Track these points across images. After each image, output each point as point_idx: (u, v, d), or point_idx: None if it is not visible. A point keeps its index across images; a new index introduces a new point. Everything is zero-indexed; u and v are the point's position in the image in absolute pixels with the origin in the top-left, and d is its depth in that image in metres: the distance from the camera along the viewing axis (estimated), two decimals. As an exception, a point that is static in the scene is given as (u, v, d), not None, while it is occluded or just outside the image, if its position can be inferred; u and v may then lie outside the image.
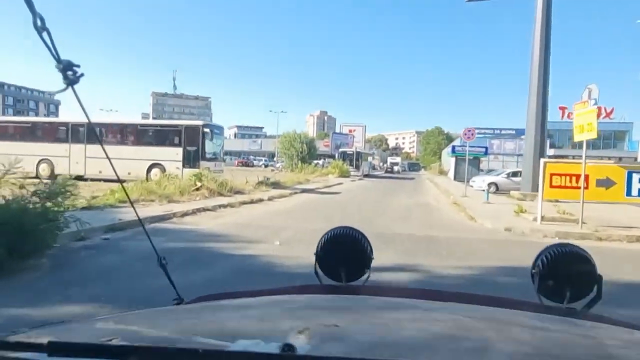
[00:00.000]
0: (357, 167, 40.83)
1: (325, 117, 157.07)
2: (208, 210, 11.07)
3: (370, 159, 57.15)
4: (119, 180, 1.81)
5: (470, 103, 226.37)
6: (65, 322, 1.00)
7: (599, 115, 38.78)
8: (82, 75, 0.85)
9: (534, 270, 1.25)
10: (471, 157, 41.73)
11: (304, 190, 19.74)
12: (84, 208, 9.33)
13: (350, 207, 14.26)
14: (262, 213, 11.72)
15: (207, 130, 19.26)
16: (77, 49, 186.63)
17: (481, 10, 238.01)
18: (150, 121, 22.04)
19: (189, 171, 18.06)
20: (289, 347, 0.63)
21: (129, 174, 18.59)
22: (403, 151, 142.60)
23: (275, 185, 20.61)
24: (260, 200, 14.63)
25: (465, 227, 10.48)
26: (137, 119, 21.48)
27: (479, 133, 59.40)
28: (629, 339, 0.97)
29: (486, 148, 39.42)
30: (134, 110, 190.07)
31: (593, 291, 1.21)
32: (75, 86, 0.86)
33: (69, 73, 0.84)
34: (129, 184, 12.58)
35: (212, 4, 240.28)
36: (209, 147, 19.68)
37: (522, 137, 54.03)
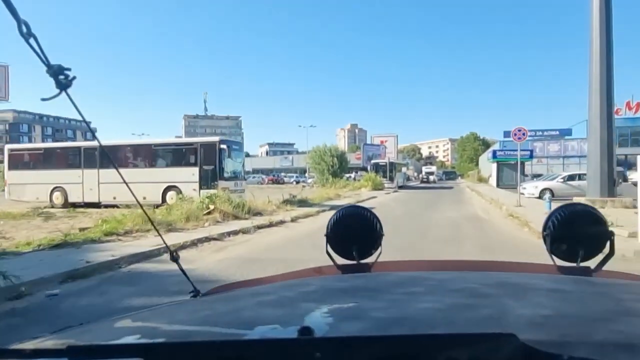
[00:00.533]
0: (391, 179, 38.37)
1: (356, 130, 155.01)
2: (213, 239, 9.08)
3: (404, 169, 54.55)
4: (139, 204, 1.70)
5: (506, 106, 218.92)
6: (85, 324, 0.97)
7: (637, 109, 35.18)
8: (74, 78, 0.82)
9: (545, 233, 1.22)
10: (514, 162, 38.55)
11: (333, 208, 17.56)
12: (54, 246, 7.56)
13: (386, 226, 11.59)
14: (278, 240, 9.65)
15: (224, 146, 17.48)
16: (110, 77, 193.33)
17: (512, 9, 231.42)
18: (164, 140, 20.30)
19: (206, 192, 16.44)
20: (306, 331, 0.62)
21: (144, 198, 17.04)
22: (437, 160, 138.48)
23: (302, 203, 18.62)
24: (281, 222, 12.59)
25: (538, 251, 8.01)
26: (150, 139, 19.87)
27: (519, 136, 56.04)
28: None
29: (531, 151, 36.16)
30: (167, 133, 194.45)
31: (606, 248, 1.18)
32: (69, 90, 0.86)
33: (61, 77, 0.82)
34: (128, 211, 10.79)
35: (238, 25, 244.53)
36: (228, 165, 17.89)
37: (567, 137, 50.03)
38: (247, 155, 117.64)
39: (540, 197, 20.48)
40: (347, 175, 50.35)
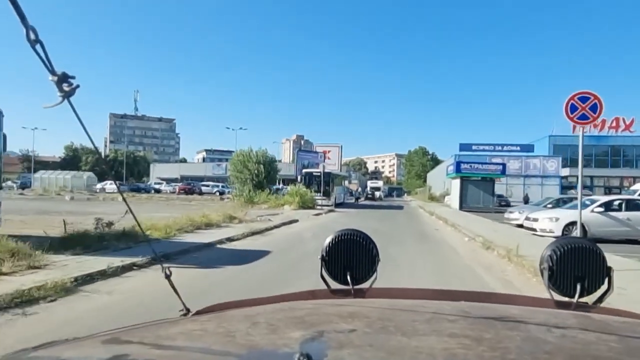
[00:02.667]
0: (326, 194, 29.07)
1: (302, 142, 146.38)
2: None
3: (345, 182, 45.38)
4: (124, 200, 1.42)
5: (455, 124, 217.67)
6: (69, 340, 0.91)
7: (616, 128, 28.34)
8: (77, 86, 0.76)
9: (542, 266, 1.19)
10: (478, 179, 30.48)
11: (168, 257, 7.71)
12: None
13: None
14: None
15: None
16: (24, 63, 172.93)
17: (463, 24, 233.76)
18: None
19: None
20: (305, 357, 0.60)
21: None
22: (383, 175, 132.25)
23: (122, 239, 8.67)
24: None
25: None
26: None
27: (475, 149, 48.45)
28: None
29: (504, 166, 28.06)
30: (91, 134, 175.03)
31: (604, 284, 1.15)
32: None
33: (64, 85, 0.75)
34: None
35: (194, 22, 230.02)
36: None
37: (529, 154, 43.05)
38: (183, 161, 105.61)
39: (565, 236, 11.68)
40: (277, 187, 40.89)
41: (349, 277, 1.27)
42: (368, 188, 53.71)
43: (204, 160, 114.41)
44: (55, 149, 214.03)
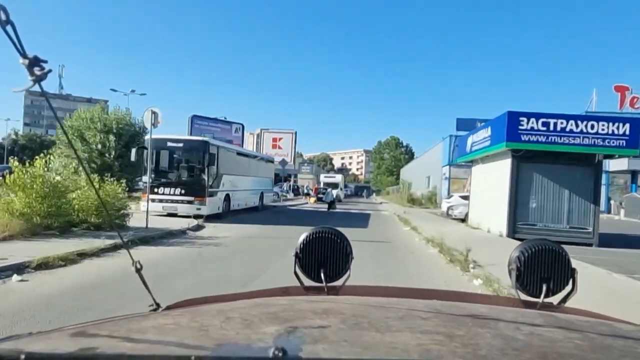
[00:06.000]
0: (197, 192, 11.73)
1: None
2: None
3: (262, 166, 24.39)
4: (92, 184, 1.18)
5: (433, 119, 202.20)
6: (34, 333, 0.84)
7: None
8: (50, 71, 0.73)
9: (510, 267, 1.19)
10: (565, 158, 12.84)
11: None
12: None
13: None
14: None
15: None
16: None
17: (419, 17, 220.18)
18: None
19: None
20: (280, 351, 0.59)
21: None
22: (350, 172, 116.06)
23: None
24: None
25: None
26: None
27: (480, 128, 32.04)
28: (609, 331, 0.95)
29: (636, 129, 11.06)
30: None
31: (569, 285, 1.17)
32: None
33: (36, 69, 0.72)
34: None
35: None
36: None
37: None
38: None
39: None
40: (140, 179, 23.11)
41: (322, 275, 1.26)
42: (321, 185, 36.51)
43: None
44: None
